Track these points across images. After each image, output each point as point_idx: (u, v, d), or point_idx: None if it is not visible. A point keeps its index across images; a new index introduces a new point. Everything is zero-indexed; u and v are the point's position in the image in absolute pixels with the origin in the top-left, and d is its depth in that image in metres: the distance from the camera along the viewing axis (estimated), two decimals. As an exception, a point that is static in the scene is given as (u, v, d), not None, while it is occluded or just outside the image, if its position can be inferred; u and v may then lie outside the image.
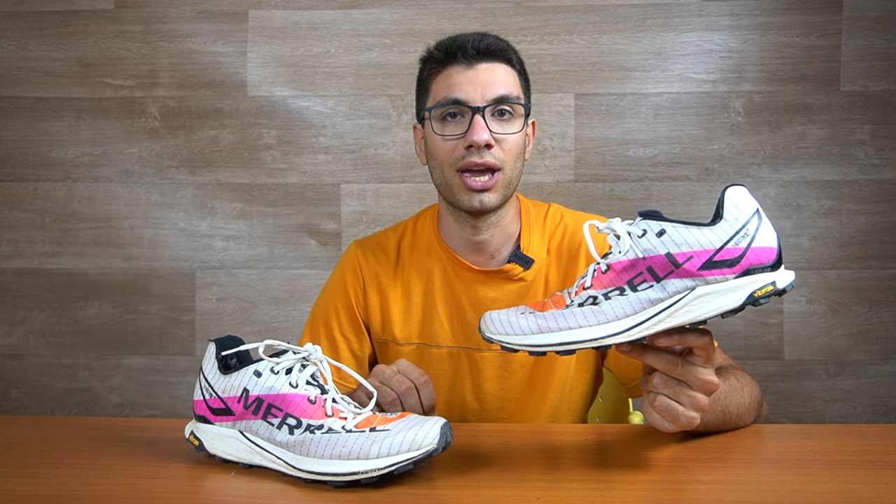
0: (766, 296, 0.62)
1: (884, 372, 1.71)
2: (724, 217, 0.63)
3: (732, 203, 0.63)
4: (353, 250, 1.09)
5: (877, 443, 0.76)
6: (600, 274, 0.66)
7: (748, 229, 0.62)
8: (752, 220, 0.63)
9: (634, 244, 0.65)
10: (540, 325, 0.65)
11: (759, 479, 0.66)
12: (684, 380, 0.67)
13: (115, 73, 1.78)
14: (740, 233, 0.62)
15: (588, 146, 1.73)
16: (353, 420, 0.67)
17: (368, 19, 1.75)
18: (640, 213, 0.66)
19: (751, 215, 0.63)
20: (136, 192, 1.79)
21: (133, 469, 0.71)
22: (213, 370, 0.72)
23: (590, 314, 0.64)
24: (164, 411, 1.79)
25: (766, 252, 0.62)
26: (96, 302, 1.80)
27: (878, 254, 1.70)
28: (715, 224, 0.63)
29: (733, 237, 0.62)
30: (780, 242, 0.64)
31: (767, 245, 0.63)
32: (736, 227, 0.62)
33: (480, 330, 0.70)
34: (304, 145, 1.77)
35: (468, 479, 0.67)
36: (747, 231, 0.62)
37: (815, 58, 1.69)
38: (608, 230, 0.67)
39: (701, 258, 0.62)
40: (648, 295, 0.63)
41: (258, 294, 1.79)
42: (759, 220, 0.63)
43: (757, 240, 0.62)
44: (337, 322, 1.06)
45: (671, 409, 0.68)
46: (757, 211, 0.63)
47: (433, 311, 1.02)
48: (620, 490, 0.65)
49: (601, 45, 1.72)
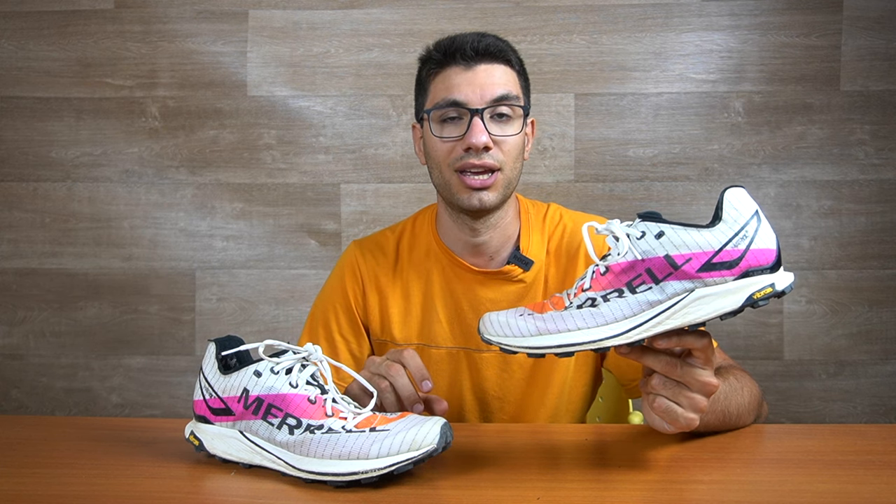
0: (765, 298, 0.62)
1: (884, 372, 1.71)
2: (723, 219, 0.63)
3: (731, 205, 0.63)
4: (352, 251, 1.09)
5: (877, 443, 0.76)
6: (599, 276, 0.66)
7: (747, 231, 0.62)
8: (752, 221, 0.63)
9: (633, 246, 0.65)
10: (539, 327, 0.65)
11: (759, 479, 0.66)
12: (683, 381, 0.67)
13: (115, 73, 1.78)
14: (739, 234, 0.62)
15: (588, 146, 1.73)
16: (353, 420, 0.67)
17: (368, 19, 1.75)
18: (639, 214, 0.66)
19: (750, 217, 0.63)
20: (136, 192, 1.79)
21: (133, 469, 0.71)
22: (213, 370, 0.72)
23: (589, 316, 0.64)
24: (164, 411, 1.79)
25: (766, 254, 0.62)
26: (96, 302, 1.80)
27: (878, 254, 1.70)
28: (714, 226, 0.63)
29: (732, 239, 0.62)
30: (779, 244, 0.64)
31: (766, 247, 0.62)
32: (735, 229, 0.62)
33: (479, 332, 0.69)
34: (304, 145, 1.77)
35: (468, 479, 0.67)
36: (746, 233, 0.62)
37: (815, 58, 1.69)
38: (607, 232, 0.67)
39: (700, 260, 0.62)
40: (647, 297, 0.63)
41: (258, 294, 1.79)
42: (759, 222, 0.63)
43: (756, 241, 0.62)
44: (336, 323, 1.06)
45: (670, 410, 0.68)
46: (756, 212, 0.63)
47: (432, 312, 1.02)
48: (620, 490, 0.65)
49: (601, 45, 1.72)
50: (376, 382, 0.80)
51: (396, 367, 0.80)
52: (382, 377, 0.80)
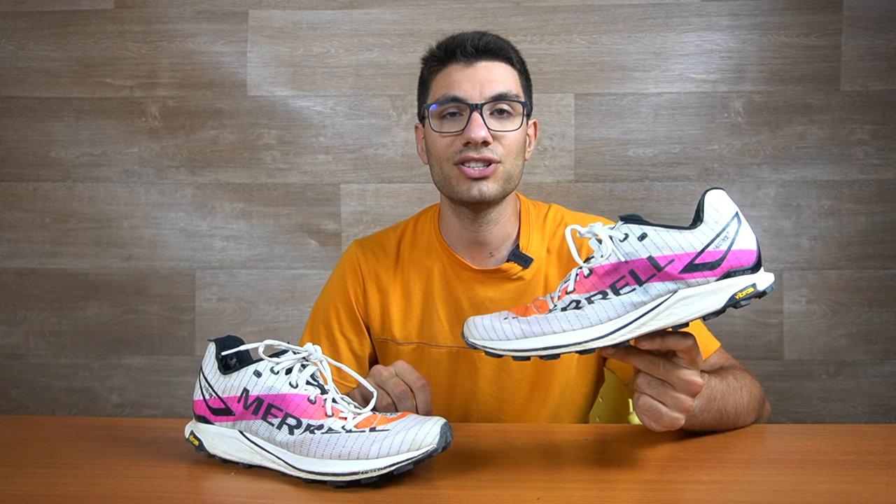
0: (747, 298, 0.63)
1: (884, 372, 1.71)
2: (704, 220, 0.63)
3: (712, 206, 0.64)
4: (353, 250, 1.09)
5: (877, 443, 0.76)
6: (583, 278, 0.67)
7: (728, 232, 0.63)
8: (732, 223, 0.64)
9: (616, 248, 0.65)
10: (524, 330, 0.65)
11: (759, 479, 0.66)
12: (667, 381, 0.68)
13: (115, 73, 1.78)
14: (720, 236, 0.63)
15: (588, 146, 1.73)
16: (353, 420, 0.67)
17: (368, 19, 1.75)
18: (622, 217, 0.67)
19: (730, 218, 0.64)
20: (136, 192, 1.79)
21: (133, 469, 0.71)
22: (213, 370, 0.72)
23: (573, 318, 0.65)
24: (164, 411, 1.79)
25: (746, 255, 0.63)
26: (96, 302, 1.80)
27: (878, 254, 1.70)
28: (696, 227, 0.64)
29: (714, 240, 0.63)
30: (759, 245, 0.64)
31: (747, 248, 0.63)
32: (716, 231, 0.63)
33: (464, 336, 0.69)
34: (304, 145, 1.77)
35: (468, 479, 0.67)
36: (727, 234, 0.63)
37: (815, 58, 1.69)
38: (590, 235, 0.67)
39: (682, 261, 0.63)
40: (631, 298, 0.64)
41: (258, 294, 1.79)
42: (739, 224, 0.64)
43: (737, 242, 0.63)
44: (337, 321, 1.06)
45: (654, 409, 0.68)
46: (736, 214, 0.64)
47: (433, 311, 1.02)
48: (620, 490, 0.65)
49: (601, 45, 1.72)
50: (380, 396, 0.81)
51: (404, 390, 0.81)
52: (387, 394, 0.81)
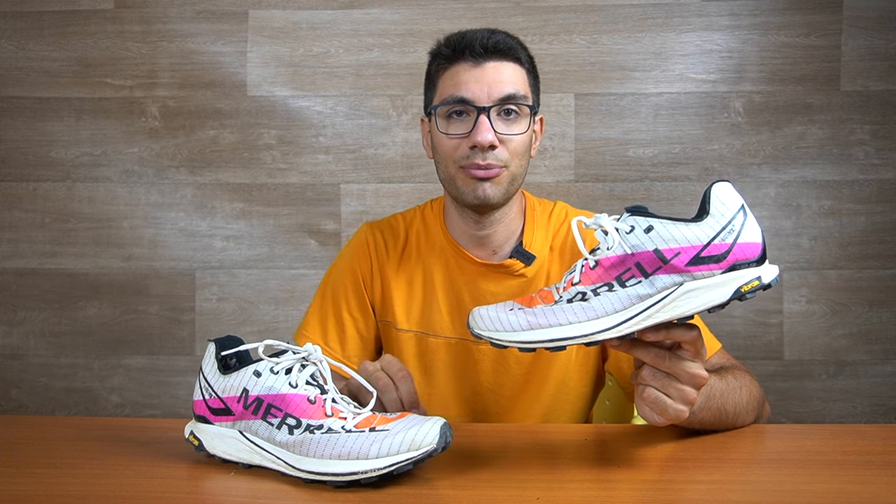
0: (752, 290, 0.62)
1: (884, 372, 1.70)
2: (710, 213, 0.63)
3: (718, 199, 0.64)
4: (364, 231, 1.09)
5: (877, 443, 0.76)
6: (588, 270, 0.66)
7: (734, 225, 0.63)
8: (738, 215, 0.63)
9: (623, 240, 0.65)
10: (529, 322, 0.65)
11: (759, 479, 0.66)
12: (672, 373, 0.68)
13: (115, 73, 1.78)
14: (727, 228, 0.63)
15: (588, 146, 1.73)
16: (353, 420, 0.67)
17: (368, 19, 1.75)
18: (627, 209, 0.67)
19: (736, 211, 0.63)
20: (136, 192, 1.79)
21: (133, 469, 0.71)
22: (213, 370, 0.72)
23: (579, 310, 0.65)
24: (164, 411, 1.79)
25: (752, 247, 0.63)
26: (96, 302, 1.80)
27: (878, 254, 1.70)
28: (701, 220, 0.63)
29: (720, 233, 0.63)
30: (764, 238, 0.64)
31: (753, 240, 0.63)
32: (722, 223, 0.63)
33: (469, 326, 0.69)
34: (304, 145, 1.77)
35: (467, 479, 0.67)
36: (733, 227, 0.63)
37: (815, 58, 1.69)
38: (596, 226, 0.67)
39: (688, 254, 0.62)
40: (637, 290, 0.64)
41: (258, 294, 1.79)
42: (745, 216, 0.64)
43: (743, 235, 0.63)
44: (345, 301, 1.06)
45: (659, 401, 0.68)
46: (742, 206, 0.64)
47: (434, 301, 1.03)
48: (620, 490, 0.65)
49: (601, 45, 1.72)
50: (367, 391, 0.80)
51: (387, 383, 0.80)
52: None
